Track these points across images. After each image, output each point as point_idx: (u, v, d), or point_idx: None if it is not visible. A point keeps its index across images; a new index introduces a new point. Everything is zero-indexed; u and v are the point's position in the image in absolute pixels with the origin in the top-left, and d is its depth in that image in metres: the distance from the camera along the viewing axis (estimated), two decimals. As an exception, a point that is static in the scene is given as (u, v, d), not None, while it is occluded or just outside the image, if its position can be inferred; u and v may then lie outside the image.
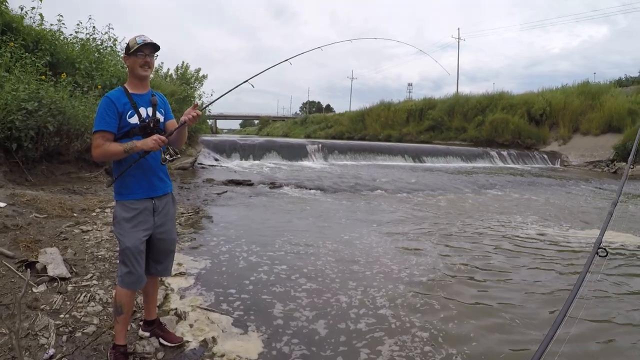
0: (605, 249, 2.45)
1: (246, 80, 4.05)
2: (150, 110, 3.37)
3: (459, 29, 74.05)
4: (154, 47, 3.35)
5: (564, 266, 6.66)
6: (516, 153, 31.38)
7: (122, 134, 3.24)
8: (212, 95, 19.64)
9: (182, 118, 3.30)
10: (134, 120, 3.27)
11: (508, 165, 28.76)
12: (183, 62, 21.12)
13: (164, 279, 4.94)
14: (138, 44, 3.26)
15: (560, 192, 16.38)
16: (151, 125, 3.32)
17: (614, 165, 26.94)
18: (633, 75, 44.07)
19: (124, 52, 3.41)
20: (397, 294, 5.24)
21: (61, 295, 4.24)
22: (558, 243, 8.08)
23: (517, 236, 8.50)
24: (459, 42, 62.15)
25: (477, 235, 8.46)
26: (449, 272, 6.20)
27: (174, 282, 5.08)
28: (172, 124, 3.50)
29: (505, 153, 30.93)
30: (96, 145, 3.17)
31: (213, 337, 3.87)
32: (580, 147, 31.05)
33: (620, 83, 40.53)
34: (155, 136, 3.19)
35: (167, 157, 3.36)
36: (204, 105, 4.16)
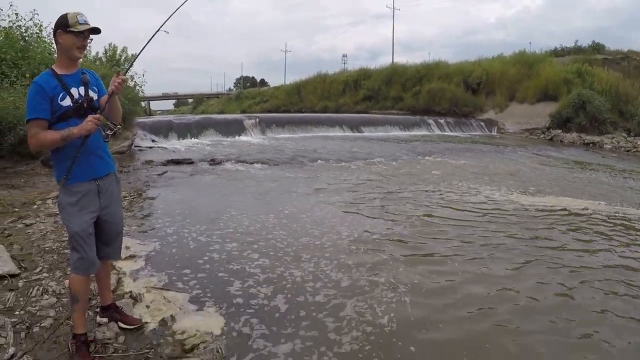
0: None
1: (159, 29, 3.72)
2: (82, 90, 3.22)
3: (394, -2, 73.80)
4: (95, 31, 3.21)
5: (516, 229, 7.05)
6: (453, 121, 31.89)
7: (56, 118, 3.09)
8: (144, 75, 19.06)
9: (109, 88, 3.19)
10: (67, 102, 3.13)
11: (446, 133, 29.32)
12: (111, 44, 20.30)
13: (114, 263, 4.88)
14: (80, 23, 3.09)
15: (498, 158, 16.95)
16: (85, 105, 3.19)
17: (550, 132, 27.83)
18: (568, 46, 45.09)
19: (56, 27, 3.13)
20: (349, 260, 5.41)
21: (13, 292, 4.12)
22: (504, 207, 8.49)
23: (464, 200, 8.86)
24: (393, 12, 62.49)
25: (422, 199, 8.81)
26: (397, 234, 6.50)
27: (125, 266, 5.02)
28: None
29: (442, 121, 31.41)
30: (31, 135, 3.05)
31: (172, 316, 3.89)
32: (517, 115, 31.84)
33: (555, 53, 41.39)
34: (90, 117, 3.07)
35: (109, 132, 3.29)
36: (126, 69, 4.03)
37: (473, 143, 22.65)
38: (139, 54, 3.86)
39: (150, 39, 3.73)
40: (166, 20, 3.80)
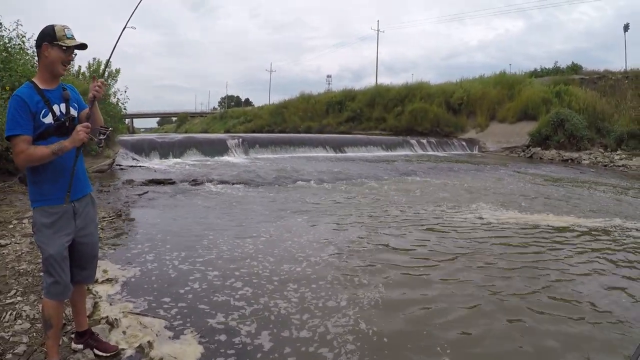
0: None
1: (125, 27, 3.76)
2: (63, 107, 3.15)
3: (378, 21, 75.56)
4: (82, 47, 3.15)
5: (502, 248, 7.08)
6: (435, 141, 32.48)
7: (36, 135, 3.00)
8: (125, 92, 18.85)
9: (90, 95, 3.12)
10: (49, 119, 3.04)
11: (428, 153, 29.74)
12: (95, 59, 20.16)
13: (91, 287, 4.77)
14: (68, 38, 3.04)
15: (480, 176, 17.07)
16: (67, 124, 3.12)
17: (530, 150, 28.62)
18: (547, 67, 46.06)
19: (41, 39, 3.05)
20: (335, 288, 5.30)
21: (-16, 317, 4.00)
22: (488, 225, 8.59)
23: (448, 221, 8.89)
24: (378, 34, 63.12)
25: (407, 221, 8.80)
26: (383, 259, 6.42)
27: (102, 290, 4.91)
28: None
29: (424, 141, 31.91)
30: (19, 151, 2.92)
31: (149, 342, 3.78)
32: (497, 134, 32.51)
33: (535, 74, 42.49)
34: (79, 127, 3.01)
35: (101, 137, 3.23)
36: (101, 72, 3.96)
37: (455, 162, 22.91)
38: (111, 54, 3.76)
39: (119, 38, 3.70)
40: (130, 16, 3.77)
